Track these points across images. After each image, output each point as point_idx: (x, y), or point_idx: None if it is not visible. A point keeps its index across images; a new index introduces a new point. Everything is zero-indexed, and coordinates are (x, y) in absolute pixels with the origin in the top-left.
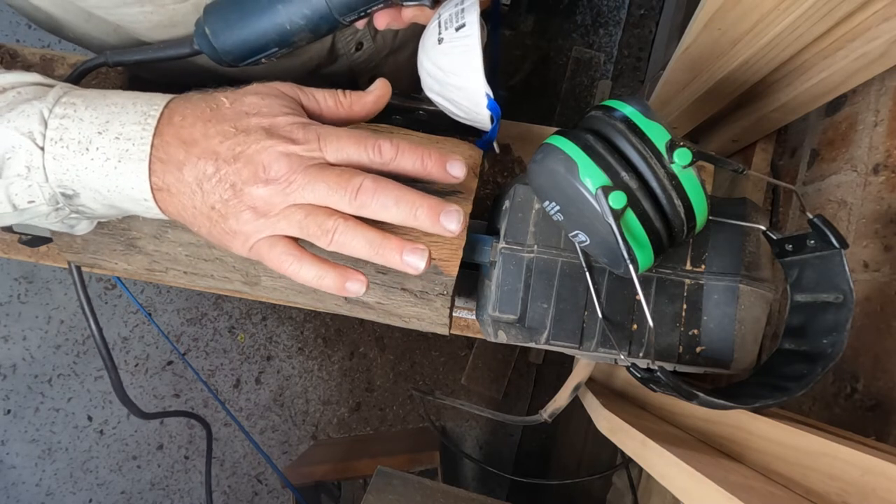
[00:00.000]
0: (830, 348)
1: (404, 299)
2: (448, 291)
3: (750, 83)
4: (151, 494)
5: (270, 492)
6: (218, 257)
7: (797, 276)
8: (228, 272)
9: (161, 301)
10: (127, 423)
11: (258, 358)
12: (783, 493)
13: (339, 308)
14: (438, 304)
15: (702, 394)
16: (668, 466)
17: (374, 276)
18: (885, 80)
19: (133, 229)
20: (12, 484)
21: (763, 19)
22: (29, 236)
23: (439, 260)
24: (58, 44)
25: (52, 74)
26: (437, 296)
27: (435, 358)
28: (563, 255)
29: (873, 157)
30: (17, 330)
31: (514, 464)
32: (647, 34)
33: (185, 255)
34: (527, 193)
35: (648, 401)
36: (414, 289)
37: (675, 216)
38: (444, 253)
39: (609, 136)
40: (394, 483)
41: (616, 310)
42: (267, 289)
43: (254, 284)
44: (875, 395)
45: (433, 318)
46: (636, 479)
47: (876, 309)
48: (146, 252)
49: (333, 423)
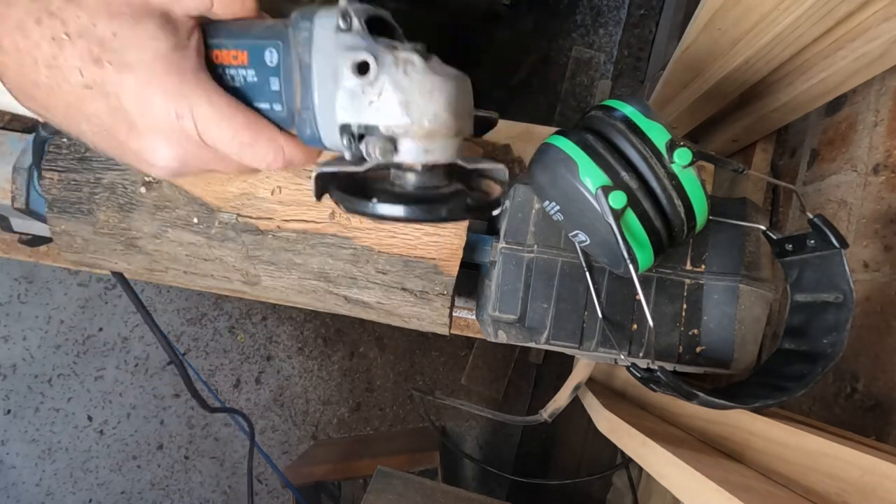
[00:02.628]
0: (830, 348)
1: (404, 299)
2: (448, 291)
3: (750, 83)
4: (151, 494)
5: (270, 492)
6: (218, 257)
7: (797, 275)
8: (228, 272)
9: (161, 301)
10: (127, 423)
11: (258, 358)
12: (783, 493)
13: (339, 308)
14: (438, 304)
15: (702, 394)
16: (668, 466)
17: (373, 275)
18: (885, 80)
19: (133, 229)
20: (12, 484)
21: (763, 19)
22: (29, 236)
23: (439, 260)
24: None
25: None
26: (438, 295)
27: (435, 358)
28: (563, 255)
29: (873, 157)
30: (17, 330)
31: (514, 464)
32: (647, 34)
33: (185, 254)
34: (527, 193)
35: (648, 401)
36: (414, 289)
37: (675, 216)
38: (444, 253)
39: (609, 136)
40: (394, 483)
41: (616, 310)
42: (267, 289)
43: (254, 284)
44: (875, 395)
45: (433, 317)
46: (636, 479)
47: (876, 309)
48: (146, 252)
49: (333, 423)
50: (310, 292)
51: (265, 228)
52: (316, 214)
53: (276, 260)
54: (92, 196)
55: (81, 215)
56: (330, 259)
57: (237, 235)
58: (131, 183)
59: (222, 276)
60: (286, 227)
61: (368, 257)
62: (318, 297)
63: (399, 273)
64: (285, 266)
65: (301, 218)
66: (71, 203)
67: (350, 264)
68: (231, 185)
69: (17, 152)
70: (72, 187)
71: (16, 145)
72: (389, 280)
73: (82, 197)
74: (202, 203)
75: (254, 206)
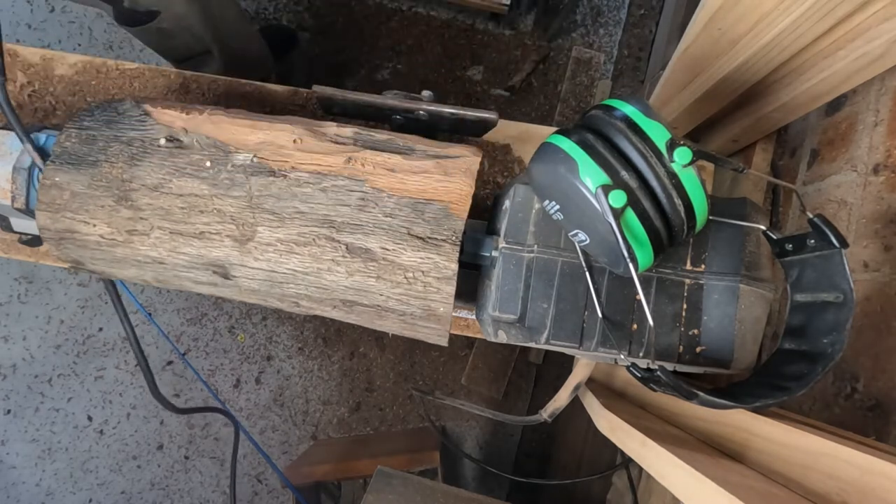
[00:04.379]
0: (831, 348)
1: (410, 244)
2: (457, 237)
3: (750, 83)
4: (151, 494)
5: (270, 492)
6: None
7: (797, 275)
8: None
9: (161, 301)
10: (127, 423)
11: (258, 358)
12: (783, 493)
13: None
14: (447, 248)
15: (702, 393)
16: (668, 466)
17: (380, 220)
18: (885, 80)
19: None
20: (12, 484)
21: (763, 19)
22: (29, 236)
23: (450, 203)
24: (57, 44)
25: (52, 74)
26: (444, 242)
27: (435, 358)
28: (563, 255)
29: (873, 157)
30: (17, 330)
31: (514, 464)
32: (647, 34)
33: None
34: (527, 193)
35: (648, 401)
36: (422, 234)
37: (675, 215)
38: (454, 196)
39: (609, 135)
40: (394, 483)
41: (616, 310)
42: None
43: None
44: (875, 395)
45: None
46: (636, 479)
47: (876, 309)
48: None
49: (333, 423)
50: (308, 243)
51: (278, 168)
52: (332, 160)
53: (280, 208)
54: (106, 148)
55: (85, 166)
56: (338, 204)
57: (246, 180)
58: (152, 139)
59: (214, 234)
60: (300, 168)
61: (378, 200)
62: (316, 249)
63: (407, 218)
64: (288, 215)
65: (317, 162)
66: (80, 155)
67: (357, 210)
68: (254, 134)
69: (17, 152)
70: (88, 141)
71: (16, 145)
72: (397, 224)
73: (94, 149)
74: (221, 146)
75: (273, 150)
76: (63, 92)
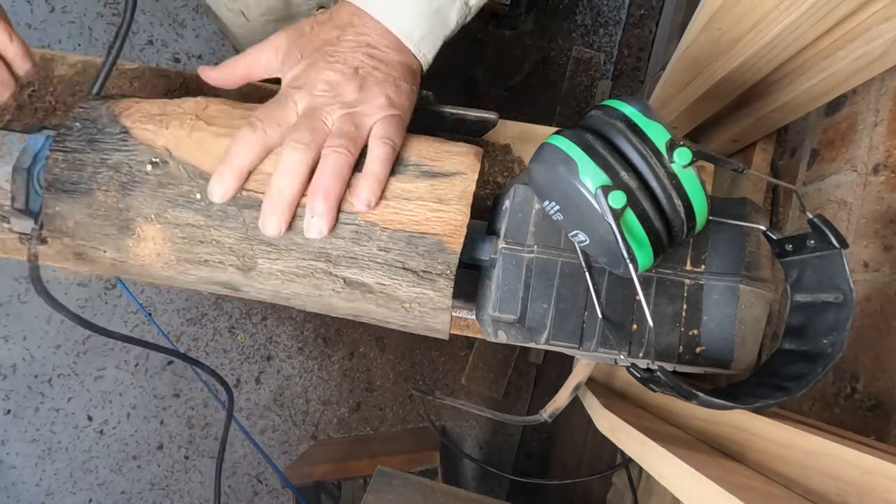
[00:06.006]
0: (831, 348)
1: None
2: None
3: (750, 83)
4: (151, 494)
5: (270, 492)
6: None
7: (797, 276)
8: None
9: (161, 301)
10: (127, 423)
11: (258, 358)
12: (783, 493)
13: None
14: (442, 284)
15: (702, 394)
16: (668, 466)
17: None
18: (885, 80)
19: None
20: (12, 484)
21: (763, 19)
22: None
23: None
24: (57, 44)
25: (52, 74)
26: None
27: (435, 358)
28: (563, 255)
29: (873, 157)
30: (17, 330)
31: (514, 464)
32: (647, 34)
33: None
34: (527, 193)
35: (648, 401)
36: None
37: (675, 216)
38: (448, 228)
39: (609, 136)
40: (394, 483)
41: (616, 310)
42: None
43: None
44: (875, 395)
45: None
46: (636, 479)
47: (876, 309)
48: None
49: (333, 423)
50: (307, 276)
51: None
52: None
53: (276, 239)
54: (94, 175)
55: (79, 195)
56: (332, 237)
57: (238, 212)
58: (137, 163)
59: (217, 263)
60: None
61: (371, 234)
62: (316, 281)
63: (401, 251)
64: (284, 247)
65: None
66: (72, 183)
67: (352, 242)
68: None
69: (17, 152)
70: (76, 167)
71: (16, 145)
72: (391, 258)
73: (84, 176)
74: (208, 178)
75: (258, 180)
76: (63, 92)
